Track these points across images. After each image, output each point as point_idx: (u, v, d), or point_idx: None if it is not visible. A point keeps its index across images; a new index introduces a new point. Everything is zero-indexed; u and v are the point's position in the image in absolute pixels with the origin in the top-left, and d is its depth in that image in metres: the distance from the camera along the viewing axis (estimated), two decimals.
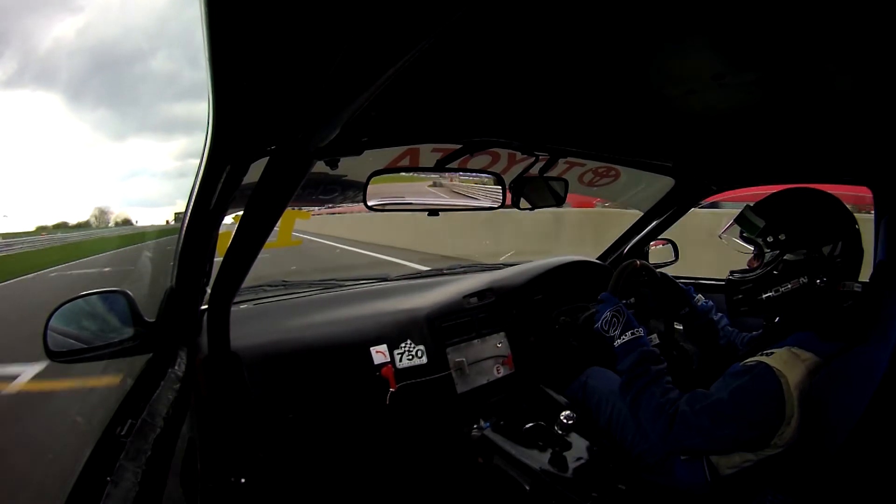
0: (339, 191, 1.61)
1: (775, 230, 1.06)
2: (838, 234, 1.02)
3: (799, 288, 1.04)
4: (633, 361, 1.13)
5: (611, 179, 1.90)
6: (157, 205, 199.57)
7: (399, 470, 1.29)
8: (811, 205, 1.06)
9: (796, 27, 0.60)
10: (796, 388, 0.95)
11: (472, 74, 0.78)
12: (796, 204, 1.08)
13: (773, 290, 1.06)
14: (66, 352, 0.96)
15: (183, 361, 1.00)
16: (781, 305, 1.07)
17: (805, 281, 1.03)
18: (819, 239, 1.02)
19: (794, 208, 1.07)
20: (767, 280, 1.07)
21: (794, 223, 1.05)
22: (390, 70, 0.46)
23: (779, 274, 1.05)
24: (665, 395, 1.06)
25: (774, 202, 1.10)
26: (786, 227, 1.05)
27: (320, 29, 0.41)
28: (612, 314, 1.21)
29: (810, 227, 1.04)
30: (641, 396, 1.09)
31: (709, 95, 0.86)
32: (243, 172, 0.72)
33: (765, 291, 1.07)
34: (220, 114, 0.56)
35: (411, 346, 1.34)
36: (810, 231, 1.03)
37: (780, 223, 1.06)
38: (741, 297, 1.12)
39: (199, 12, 0.37)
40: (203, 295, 1.09)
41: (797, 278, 1.03)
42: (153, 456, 0.67)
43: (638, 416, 1.10)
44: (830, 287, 1.02)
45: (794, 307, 1.06)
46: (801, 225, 1.04)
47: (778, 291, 1.06)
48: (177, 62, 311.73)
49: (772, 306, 1.08)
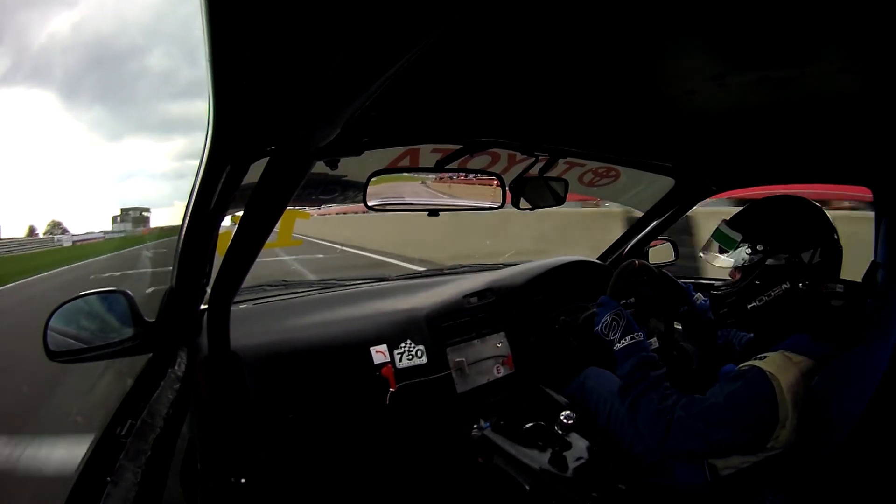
0: (339, 191, 1.61)
1: (753, 241, 1.07)
2: (816, 239, 1.03)
3: (782, 294, 1.04)
4: (633, 366, 1.13)
5: (611, 180, 1.90)
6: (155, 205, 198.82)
7: (399, 470, 1.29)
8: (787, 213, 1.07)
9: (796, 27, 0.60)
10: (789, 390, 0.95)
11: (473, 75, 0.79)
12: (771, 213, 1.09)
13: (757, 299, 1.07)
14: (66, 352, 0.96)
15: (183, 361, 1.00)
16: (768, 313, 1.07)
17: (787, 287, 1.04)
18: (798, 245, 1.03)
19: (770, 218, 1.08)
20: (751, 291, 1.08)
21: (771, 232, 1.06)
22: (390, 70, 0.46)
23: (761, 283, 1.06)
24: (663, 402, 1.07)
25: (749, 214, 1.11)
26: (763, 237, 1.06)
27: (321, 29, 0.41)
28: (611, 318, 1.21)
29: (787, 234, 1.05)
30: (640, 402, 1.09)
31: (709, 95, 0.86)
32: (243, 172, 0.72)
33: (749, 302, 1.08)
34: (220, 114, 0.56)
35: (411, 346, 1.34)
36: (788, 238, 1.04)
37: (756, 234, 1.07)
38: (726, 310, 1.13)
39: (198, 11, 0.37)
40: (203, 295, 1.09)
41: (779, 285, 1.04)
42: (153, 456, 0.67)
43: (636, 421, 1.11)
44: (814, 289, 1.03)
45: (781, 313, 1.06)
46: (778, 233, 1.05)
47: (762, 301, 1.06)
48: (175, 59, 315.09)
49: (758, 315, 1.09)
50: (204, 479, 0.97)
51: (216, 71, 0.46)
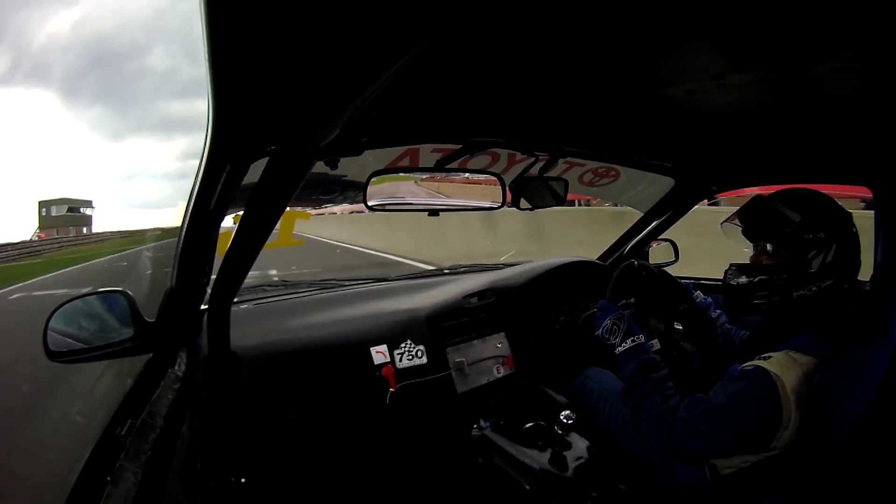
0: (339, 191, 1.61)
1: (814, 227, 0.99)
2: (848, 236, 1.01)
3: (828, 288, 0.99)
4: (634, 369, 1.13)
5: (611, 179, 1.90)
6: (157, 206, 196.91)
7: (399, 470, 1.29)
8: (827, 205, 1.02)
9: (797, 27, 0.60)
10: (793, 391, 0.95)
11: (472, 74, 0.78)
12: (822, 203, 1.02)
13: (806, 288, 1.00)
14: (66, 352, 0.96)
15: (183, 361, 1.00)
16: (811, 306, 1.01)
17: (831, 283, 0.99)
18: (848, 240, 1.00)
19: (824, 207, 1.01)
20: (802, 278, 0.99)
21: (830, 222, 1.00)
22: (390, 70, 0.46)
23: (815, 272, 0.99)
24: (666, 403, 1.06)
25: (805, 197, 1.02)
26: (824, 226, 0.99)
27: (321, 28, 0.41)
28: (612, 322, 1.21)
29: (844, 226, 1.00)
30: (643, 404, 1.09)
31: (709, 95, 0.86)
32: (243, 172, 0.72)
33: (797, 289, 1.00)
34: (220, 114, 0.56)
35: (411, 347, 1.34)
36: (844, 230, 1.00)
37: (818, 220, 0.99)
38: (766, 293, 1.03)
39: (198, 10, 0.37)
40: (203, 295, 1.09)
41: (829, 279, 0.99)
42: (153, 456, 0.67)
43: (639, 422, 1.11)
44: (837, 288, 1.01)
45: (809, 308, 1.01)
46: (835, 224, 1.00)
47: (811, 290, 0.99)
48: (176, 57, 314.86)
49: (802, 306, 1.01)
50: (204, 479, 0.97)
51: (216, 71, 0.45)
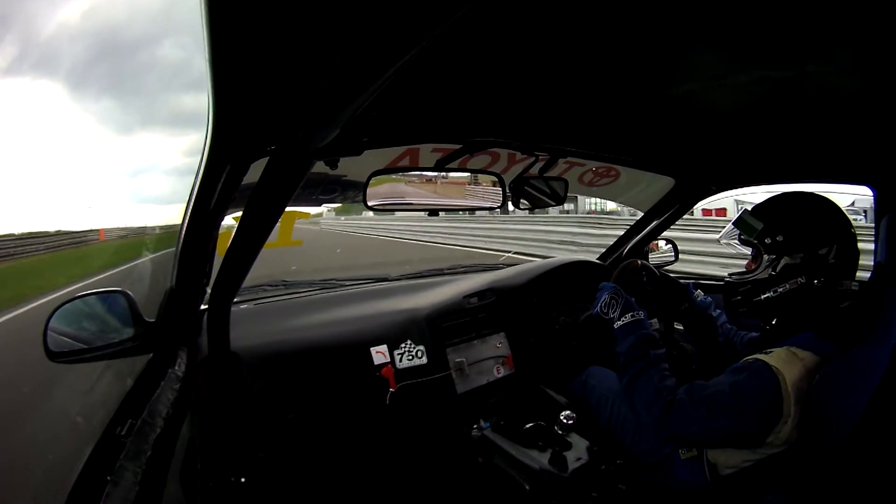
0: (339, 191, 1.61)
1: (773, 232, 1.07)
2: (834, 236, 1.03)
3: (797, 288, 1.04)
4: (632, 344, 1.13)
5: (611, 179, 1.90)
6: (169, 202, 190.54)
7: (399, 470, 1.29)
8: (808, 208, 1.07)
9: (797, 27, 0.60)
10: (793, 386, 0.95)
11: (472, 74, 0.78)
12: (794, 207, 1.09)
13: (772, 290, 1.07)
14: (66, 352, 0.96)
15: (183, 361, 1.00)
16: (779, 306, 1.07)
17: (802, 281, 1.04)
18: (816, 241, 1.04)
19: (792, 211, 1.08)
20: (765, 281, 1.08)
21: (792, 225, 1.06)
22: (390, 70, 0.46)
23: (776, 275, 1.06)
24: (663, 381, 1.07)
25: (772, 205, 1.11)
26: (783, 229, 1.06)
27: (321, 29, 0.41)
28: (610, 297, 1.22)
29: (808, 229, 1.05)
30: (639, 379, 1.09)
31: (709, 95, 0.86)
32: (243, 172, 0.72)
33: (763, 292, 1.08)
34: (221, 113, 0.56)
35: (411, 347, 1.34)
36: (807, 233, 1.04)
37: (777, 225, 1.07)
38: (739, 298, 1.12)
39: (199, 10, 0.37)
40: (203, 295, 1.09)
41: (795, 279, 1.04)
42: (153, 456, 0.67)
43: (633, 399, 1.10)
44: (828, 287, 1.03)
45: (792, 307, 1.06)
46: (799, 227, 1.05)
47: (776, 292, 1.07)
48: (187, 49, 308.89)
49: (770, 307, 1.09)
50: (204, 478, 0.97)
51: (216, 71, 0.46)
